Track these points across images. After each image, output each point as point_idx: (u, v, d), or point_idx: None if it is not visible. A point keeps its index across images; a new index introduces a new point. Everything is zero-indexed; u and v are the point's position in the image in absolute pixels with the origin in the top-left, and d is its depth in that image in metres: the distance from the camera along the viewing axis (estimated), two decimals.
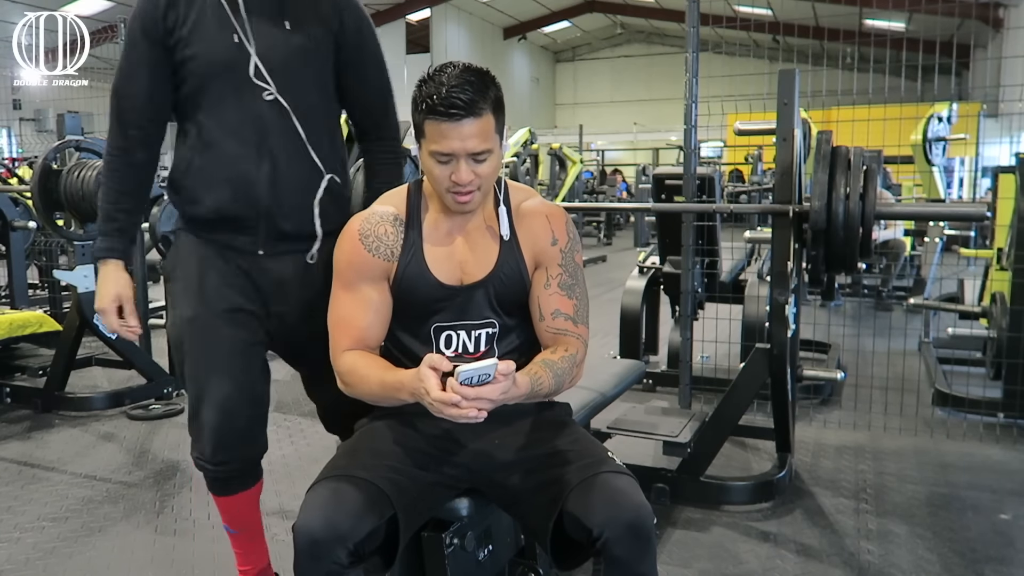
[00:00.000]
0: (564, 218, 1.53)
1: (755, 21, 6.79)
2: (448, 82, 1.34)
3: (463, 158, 1.37)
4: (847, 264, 2.57)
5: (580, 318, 1.50)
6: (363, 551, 1.30)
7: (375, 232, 1.49)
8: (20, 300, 4.61)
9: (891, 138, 3.73)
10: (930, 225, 5.56)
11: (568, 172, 10.61)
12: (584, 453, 1.42)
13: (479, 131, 1.36)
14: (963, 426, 3.38)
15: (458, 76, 1.35)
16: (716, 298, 3.84)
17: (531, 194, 1.57)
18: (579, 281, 1.53)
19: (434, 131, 1.37)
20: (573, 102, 25.55)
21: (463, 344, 1.49)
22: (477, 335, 1.49)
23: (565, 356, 1.45)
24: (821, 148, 2.50)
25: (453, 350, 1.49)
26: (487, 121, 1.37)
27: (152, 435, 3.39)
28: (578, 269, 1.53)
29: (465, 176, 1.38)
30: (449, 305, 1.48)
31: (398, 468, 1.40)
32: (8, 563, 2.25)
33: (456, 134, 1.35)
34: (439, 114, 1.34)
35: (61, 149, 3.54)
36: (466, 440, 1.47)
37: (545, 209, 1.53)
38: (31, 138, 14.18)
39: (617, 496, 1.33)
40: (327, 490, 1.32)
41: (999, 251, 3.94)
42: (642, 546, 1.31)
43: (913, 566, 2.21)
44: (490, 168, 1.41)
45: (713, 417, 2.70)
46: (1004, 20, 13.39)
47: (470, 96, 1.34)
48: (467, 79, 1.35)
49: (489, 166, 1.41)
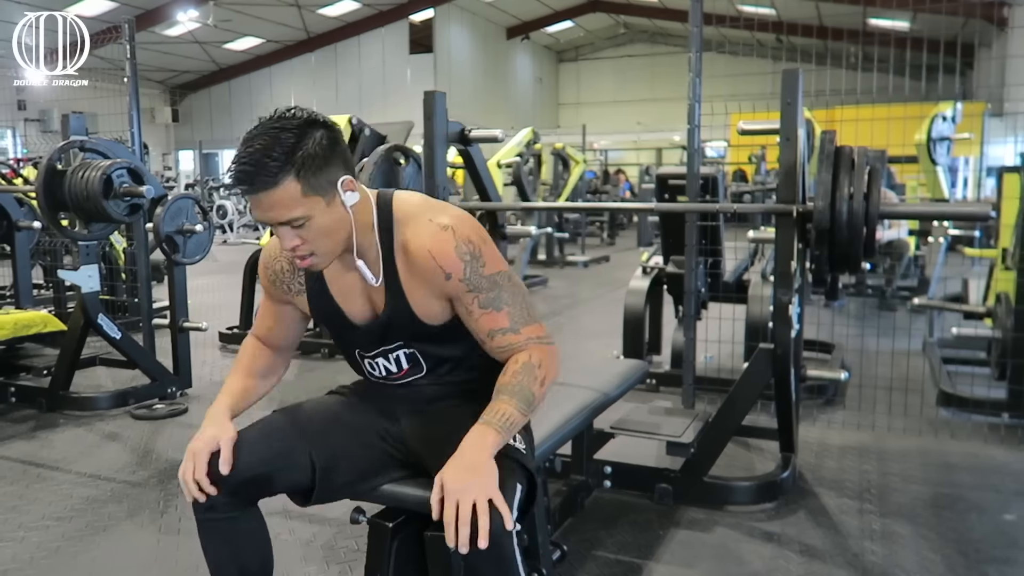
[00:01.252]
0: (451, 243, 1.41)
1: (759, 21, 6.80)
2: (240, 153, 1.28)
3: (278, 226, 1.34)
4: (851, 264, 2.56)
5: (519, 321, 1.45)
6: (246, 491, 1.42)
7: (272, 267, 1.58)
8: (25, 300, 4.62)
9: (895, 138, 3.73)
10: (934, 225, 5.54)
11: (571, 172, 10.60)
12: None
13: (276, 202, 1.29)
14: (967, 426, 3.37)
15: (252, 144, 1.28)
16: (720, 298, 3.83)
17: (412, 224, 1.43)
18: (499, 286, 1.44)
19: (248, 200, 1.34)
20: (576, 102, 25.53)
21: (385, 368, 1.56)
22: (396, 356, 1.54)
23: (518, 370, 1.41)
24: (825, 148, 2.50)
25: (379, 373, 1.57)
26: (286, 189, 1.28)
27: (156, 435, 3.39)
28: (493, 278, 1.44)
29: (287, 242, 1.35)
30: (364, 336, 1.53)
31: (326, 419, 1.53)
32: (13, 562, 2.25)
33: (257, 205, 1.31)
34: (236, 187, 1.29)
35: (66, 149, 3.55)
36: (401, 415, 1.57)
37: (428, 244, 1.41)
38: (36, 138, 14.23)
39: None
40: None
41: (1004, 251, 3.92)
42: (485, 554, 1.25)
43: (917, 567, 2.21)
44: (314, 232, 1.34)
45: (716, 417, 2.70)
46: (1008, 19, 13.35)
47: (256, 168, 1.26)
48: (258, 148, 1.27)
49: (311, 231, 1.34)
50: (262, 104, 21.41)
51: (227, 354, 5.04)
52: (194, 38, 18.39)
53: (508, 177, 8.55)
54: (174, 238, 3.72)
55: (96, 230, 3.68)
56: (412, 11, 19.58)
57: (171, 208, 3.66)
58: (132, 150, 3.94)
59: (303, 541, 2.36)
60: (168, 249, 3.71)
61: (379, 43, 19.94)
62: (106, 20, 10.65)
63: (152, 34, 16.89)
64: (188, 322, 3.94)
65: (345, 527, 2.39)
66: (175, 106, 21.76)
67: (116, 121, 4.38)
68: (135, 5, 15.41)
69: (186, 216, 3.76)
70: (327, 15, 18.95)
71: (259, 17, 17.86)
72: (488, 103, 20.93)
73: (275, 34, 19.50)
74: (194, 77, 21.64)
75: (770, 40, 18.50)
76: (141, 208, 3.60)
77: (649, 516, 2.54)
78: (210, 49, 19.65)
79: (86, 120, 4.00)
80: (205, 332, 4.05)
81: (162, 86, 21.52)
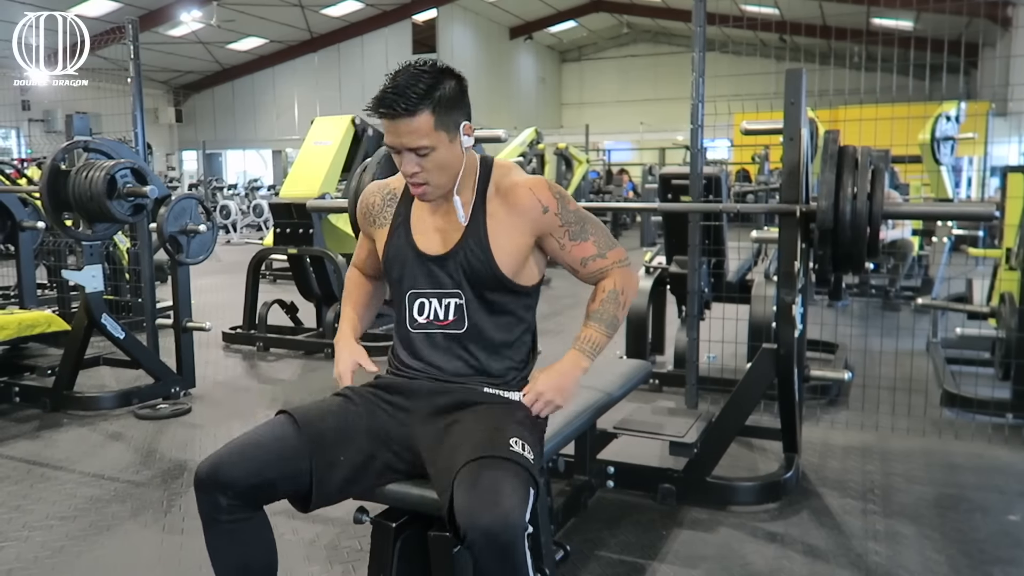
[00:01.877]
0: (545, 184, 1.65)
1: (762, 20, 6.76)
2: (392, 81, 1.49)
3: (404, 152, 1.52)
4: (854, 264, 2.55)
5: (604, 247, 1.69)
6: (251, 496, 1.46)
7: (367, 200, 1.78)
8: (29, 300, 4.63)
9: (899, 137, 3.73)
10: (938, 225, 5.52)
11: (574, 172, 10.61)
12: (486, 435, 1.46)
13: (412, 129, 1.48)
14: (971, 427, 3.36)
15: (403, 75, 1.48)
16: (723, 298, 3.83)
17: (510, 171, 1.67)
18: (584, 219, 1.67)
19: (384, 125, 1.52)
20: (579, 102, 25.52)
21: (434, 311, 1.65)
22: (447, 303, 1.64)
23: (604, 298, 1.68)
24: (828, 147, 2.49)
25: (425, 316, 1.66)
26: (421, 119, 1.47)
27: (160, 434, 3.40)
28: (577, 212, 1.67)
29: (408, 167, 1.53)
30: (423, 273, 1.64)
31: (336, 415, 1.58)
32: (17, 561, 2.26)
33: (393, 130, 1.50)
34: (378, 111, 1.49)
35: (70, 150, 3.55)
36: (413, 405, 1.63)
37: (529, 183, 1.63)
38: (40, 139, 14.28)
39: (486, 495, 1.31)
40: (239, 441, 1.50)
41: (1008, 251, 3.92)
42: (498, 555, 1.28)
43: (921, 567, 2.20)
44: (433, 163, 1.52)
45: (720, 417, 2.70)
46: (1013, 19, 13.32)
47: (403, 96, 1.46)
48: (408, 80, 1.47)
49: (432, 161, 1.52)
50: (265, 104, 21.49)
51: (230, 354, 5.05)
52: (197, 38, 18.42)
53: None
54: (178, 238, 3.72)
55: (100, 230, 3.68)
56: (415, 11, 19.59)
57: (175, 208, 3.67)
58: (136, 150, 3.95)
59: (306, 541, 2.37)
60: (172, 249, 3.72)
61: (382, 43, 19.95)
62: (110, 20, 10.68)
63: (156, 34, 16.92)
64: (192, 322, 3.94)
65: (348, 527, 2.39)
66: (179, 106, 21.81)
67: (120, 121, 4.39)
68: (139, 5, 15.44)
69: (190, 216, 3.76)
70: (330, 15, 18.98)
71: (262, 17, 17.88)
72: (491, 103, 20.93)
73: (278, 34, 19.53)
74: (197, 77, 21.68)
75: (773, 40, 18.49)
76: (145, 208, 3.60)
77: (652, 516, 2.54)
78: (213, 49, 19.68)
79: (90, 120, 4.02)
80: (209, 332, 4.06)
81: (166, 86, 21.56)
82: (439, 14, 19.75)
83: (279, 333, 5.22)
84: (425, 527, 1.52)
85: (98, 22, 12.22)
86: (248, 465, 1.44)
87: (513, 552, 1.28)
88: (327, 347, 4.88)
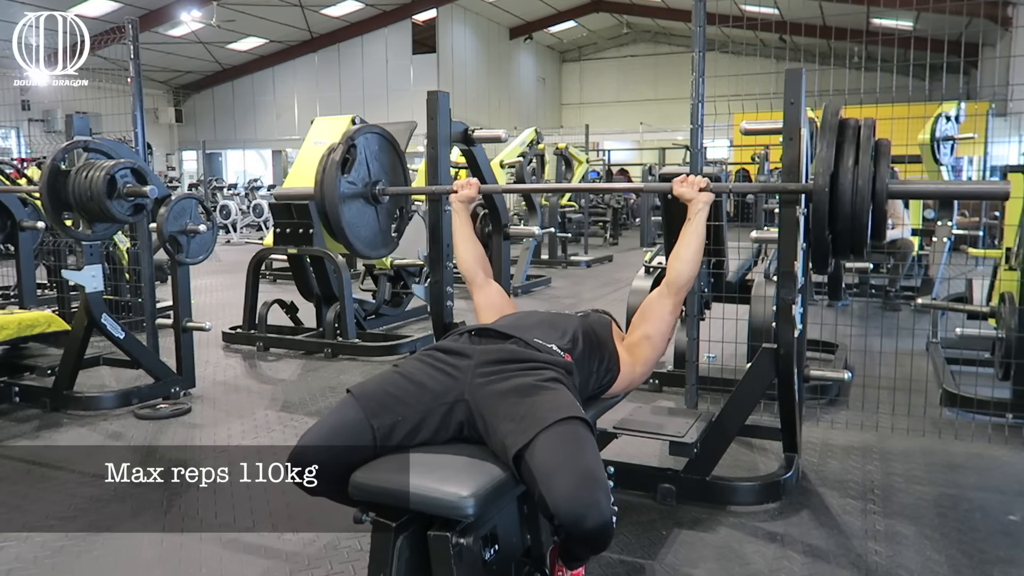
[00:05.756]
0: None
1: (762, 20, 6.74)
2: None
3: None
4: (855, 246, 2.24)
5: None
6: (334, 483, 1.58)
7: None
8: (29, 300, 4.63)
9: (899, 137, 3.70)
10: (938, 224, 5.51)
11: (574, 172, 10.60)
12: (554, 400, 1.62)
13: None
14: (971, 427, 3.36)
15: None
16: (723, 298, 3.83)
17: None
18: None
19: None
20: (579, 102, 25.52)
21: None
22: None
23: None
24: (827, 120, 2.30)
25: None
26: None
27: (160, 434, 3.40)
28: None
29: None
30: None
31: (398, 385, 1.70)
32: (16, 561, 2.26)
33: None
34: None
35: (69, 150, 3.55)
36: (472, 353, 1.76)
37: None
38: (40, 139, 14.27)
39: (583, 494, 1.41)
40: (325, 420, 1.66)
41: (1008, 251, 3.91)
42: (593, 548, 1.51)
43: (921, 567, 2.20)
44: None
45: (719, 417, 2.70)
46: (1013, 19, 13.32)
47: None
48: None
49: None
50: (265, 104, 21.49)
51: (230, 354, 5.05)
52: (197, 38, 18.41)
53: (511, 177, 8.56)
54: (178, 238, 3.72)
55: (100, 230, 3.68)
56: (415, 11, 19.58)
57: (175, 208, 3.67)
58: (136, 150, 3.95)
59: (306, 541, 2.36)
60: (172, 249, 3.72)
61: (382, 43, 19.95)
62: (110, 20, 10.68)
63: (155, 34, 16.92)
64: (192, 322, 3.94)
65: (348, 527, 2.39)
66: (178, 106, 21.81)
67: (120, 121, 4.39)
68: (139, 5, 15.44)
69: (190, 216, 3.76)
70: (330, 15, 18.97)
71: (262, 17, 17.87)
72: (491, 103, 20.94)
73: (278, 34, 19.52)
74: (197, 77, 21.67)
75: (773, 40, 18.48)
76: (145, 208, 3.60)
77: (652, 516, 2.54)
78: (213, 49, 19.68)
79: (90, 120, 4.01)
80: (209, 332, 4.06)
81: (165, 86, 21.56)
82: (439, 14, 19.73)
83: (279, 333, 5.22)
84: (425, 527, 1.52)
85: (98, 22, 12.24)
86: (320, 458, 1.59)
87: (607, 543, 1.46)
88: (327, 347, 4.88)
